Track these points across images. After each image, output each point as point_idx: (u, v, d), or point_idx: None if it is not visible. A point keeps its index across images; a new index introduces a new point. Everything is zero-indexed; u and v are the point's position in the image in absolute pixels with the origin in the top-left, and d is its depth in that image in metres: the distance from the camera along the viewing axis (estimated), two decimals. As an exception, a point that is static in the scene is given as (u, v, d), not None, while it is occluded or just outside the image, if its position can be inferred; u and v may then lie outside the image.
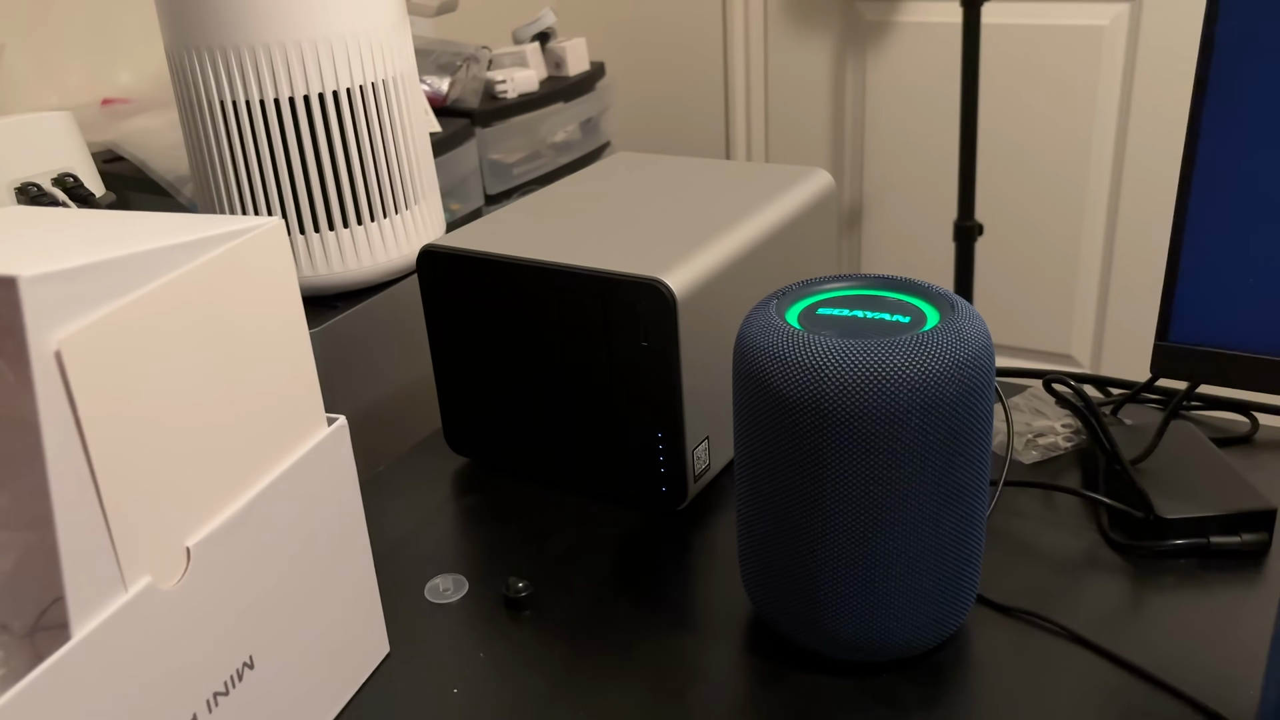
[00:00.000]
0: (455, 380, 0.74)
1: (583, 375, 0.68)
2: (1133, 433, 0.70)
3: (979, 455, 0.52)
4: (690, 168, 0.84)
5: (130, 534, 0.41)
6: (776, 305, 0.54)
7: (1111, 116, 1.91)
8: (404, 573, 0.66)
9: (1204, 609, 0.58)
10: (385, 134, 0.85)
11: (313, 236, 0.86)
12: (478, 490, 0.74)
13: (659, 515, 0.70)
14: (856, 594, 0.52)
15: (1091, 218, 1.99)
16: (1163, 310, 0.59)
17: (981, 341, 0.50)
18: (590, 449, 0.70)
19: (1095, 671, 0.55)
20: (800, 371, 0.50)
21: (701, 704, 0.54)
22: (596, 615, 0.61)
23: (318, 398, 0.52)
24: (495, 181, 1.50)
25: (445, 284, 0.71)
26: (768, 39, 2.21)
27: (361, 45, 0.82)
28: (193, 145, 0.86)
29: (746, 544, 0.57)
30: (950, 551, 0.53)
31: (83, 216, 0.47)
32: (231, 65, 0.80)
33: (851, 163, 2.20)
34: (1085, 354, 2.08)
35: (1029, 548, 0.64)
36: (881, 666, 0.56)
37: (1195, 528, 0.61)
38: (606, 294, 0.65)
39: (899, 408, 0.48)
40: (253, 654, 0.48)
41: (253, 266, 0.47)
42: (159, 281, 0.42)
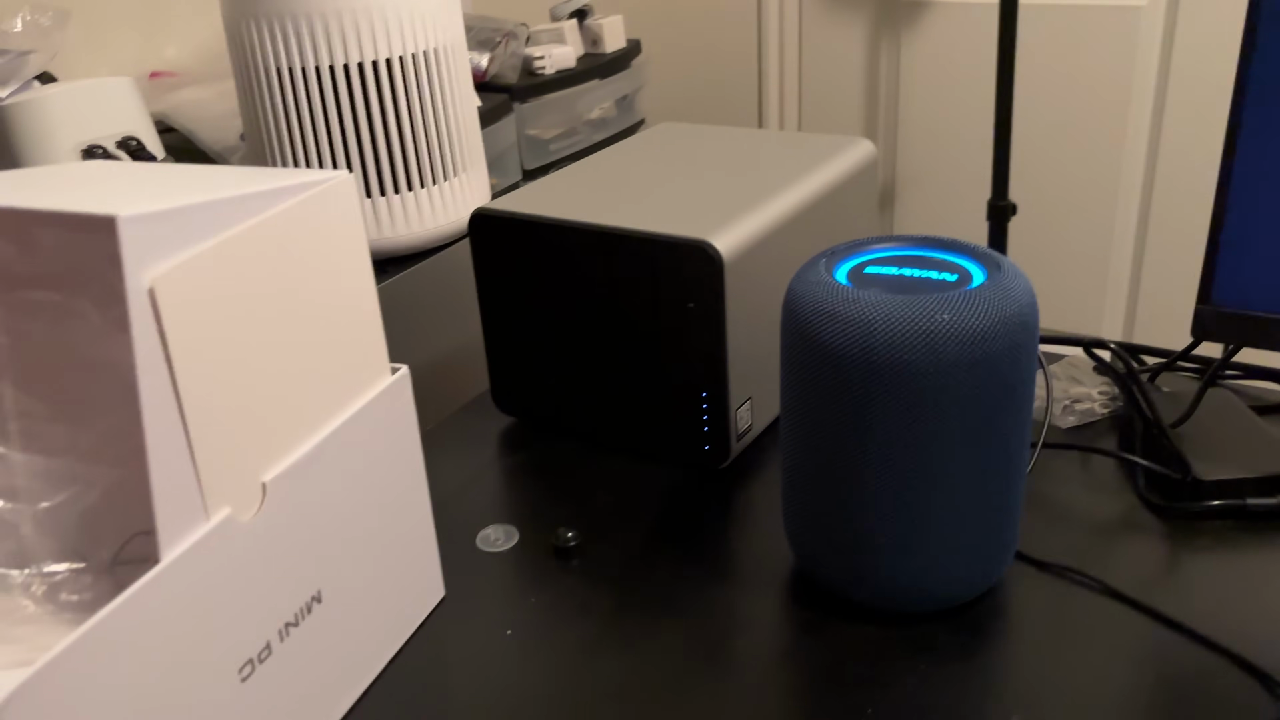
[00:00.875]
0: (504, 341, 0.76)
1: (629, 336, 0.70)
2: (1171, 399, 0.71)
3: (1023, 411, 0.53)
4: (734, 137, 0.85)
5: (213, 467, 0.43)
6: (826, 263, 0.56)
7: (1148, 98, 1.90)
8: (456, 524, 0.68)
9: (1240, 569, 0.60)
10: (435, 102, 0.87)
11: (364, 202, 0.88)
12: (525, 448, 0.76)
13: (702, 474, 0.72)
14: (899, 544, 0.54)
15: (1125, 200, 1.98)
16: (1205, 273, 0.60)
17: (1027, 299, 0.52)
18: (635, 408, 0.72)
19: (1130, 625, 0.56)
20: (850, 326, 0.51)
21: (744, 652, 0.56)
22: (641, 566, 0.63)
23: (383, 347, 0.54)
24: (532, 157, 1.52)
25: (496, 247, 0.73)
26: (802, 18, 2.21)
27: (415, 14, 0.84)
28: (249, 113, 0.88)
29: (792, 497, 0.58)
30: (992, 505, 0.54)
31: (161, 169, 0.49)
32: (289, 33, 0.82)
33: (885, 142, 2.20)
34: (1116, 334, 2.08)
35: (1066, 509, 0.65)
36: (921, 617, 0.57)
37: (1232, 489, 0.62)
38: (654, 256, 0.67)
39: (947, 362, 0.50)
40: (321, 588, 0.50)
41: (325, 217, 0.49)
42: (243, 225, 0.44)
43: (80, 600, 0.47)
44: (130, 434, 0.46)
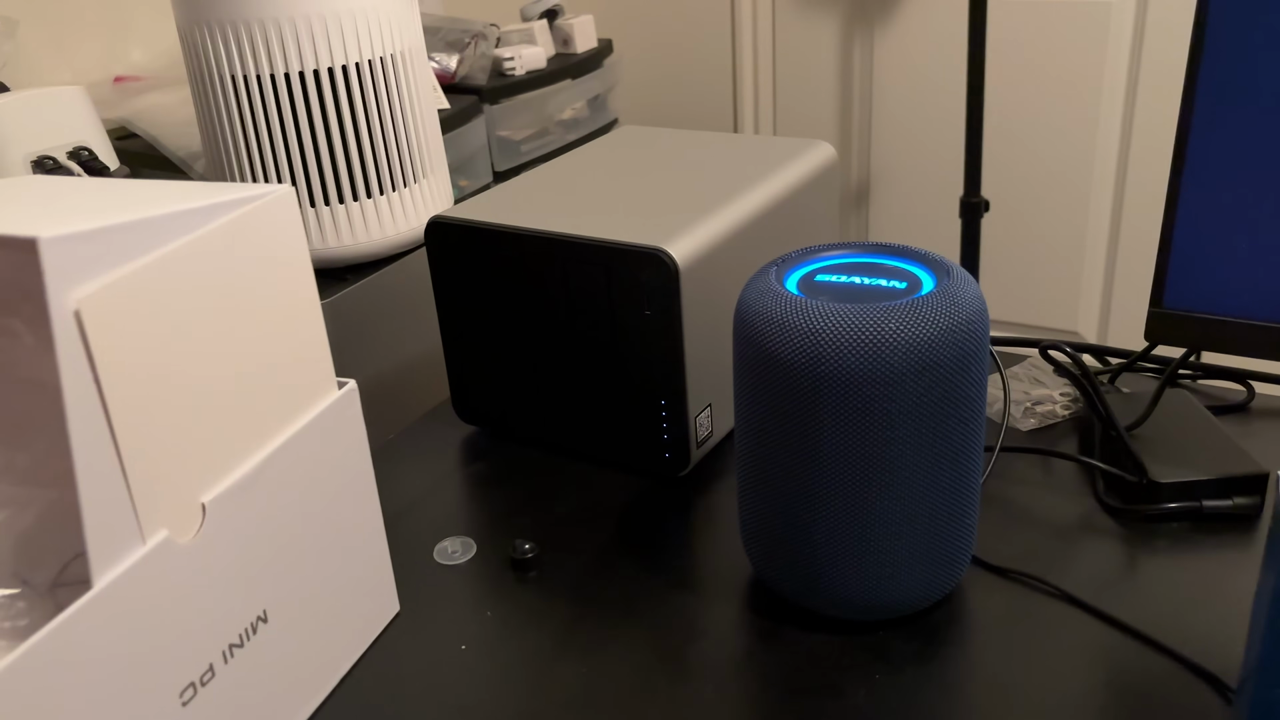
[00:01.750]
0: (463, 350, 0.76)
1: (587, 344, 0.69)
2: (1129, 400, 0.71)
3: (973, 418, 0.53)
4: (694, 140, 0.85)
5: (148, 489, 0.42)
6: (776, 272, 0.55)
7: (1119, 91, 1.91)
8: (413, 536, 0.68)
9: (1196, 571, 0.60)
10: (394, 108, 0.86)
11: (323, 209, 0.87)
12: (485, 457, 0.76)
13: (662, 481, 0.72)
14: (853, 553, 0.54)
15: (1098, 194, 1.99)
16: (1157, 277, 0.59)
17: (975, 306, 0.51)
18: (595, 416, 0.72)
19: (1087, 631, 0.56)
20: (798, 336, 0.51)
21: (701, 660, 0.56)
22: (600, 576, 0.63)
23: (328, 361, 0.53)
24: (503, 158, 1.51)
25: (453, 254, 0.72)
26: (775, 14, 2.21)
27: (370, 20, 0.83)
28: (205, 120, 0.87)
29: (746, 506, 0.58)
30: (945, 513, 0.54)
31: (98, 184, 0.48)
32: (243, 40, 0.81)
33: (860, 138, 2.20)
34: (1091, 330, 2.08)
35: (1025, 512, 0.65)
36: (878, 624, 0.57)
37: (1188, 491, 0.62)
38: (610, 263, 0.66)
39: (894, 371, 0.49)
40: (266, 608, 0.50)
41: (264, 232, 0.48)
42: (174, 244, 0.43)
43: (15, 627, 0.46)
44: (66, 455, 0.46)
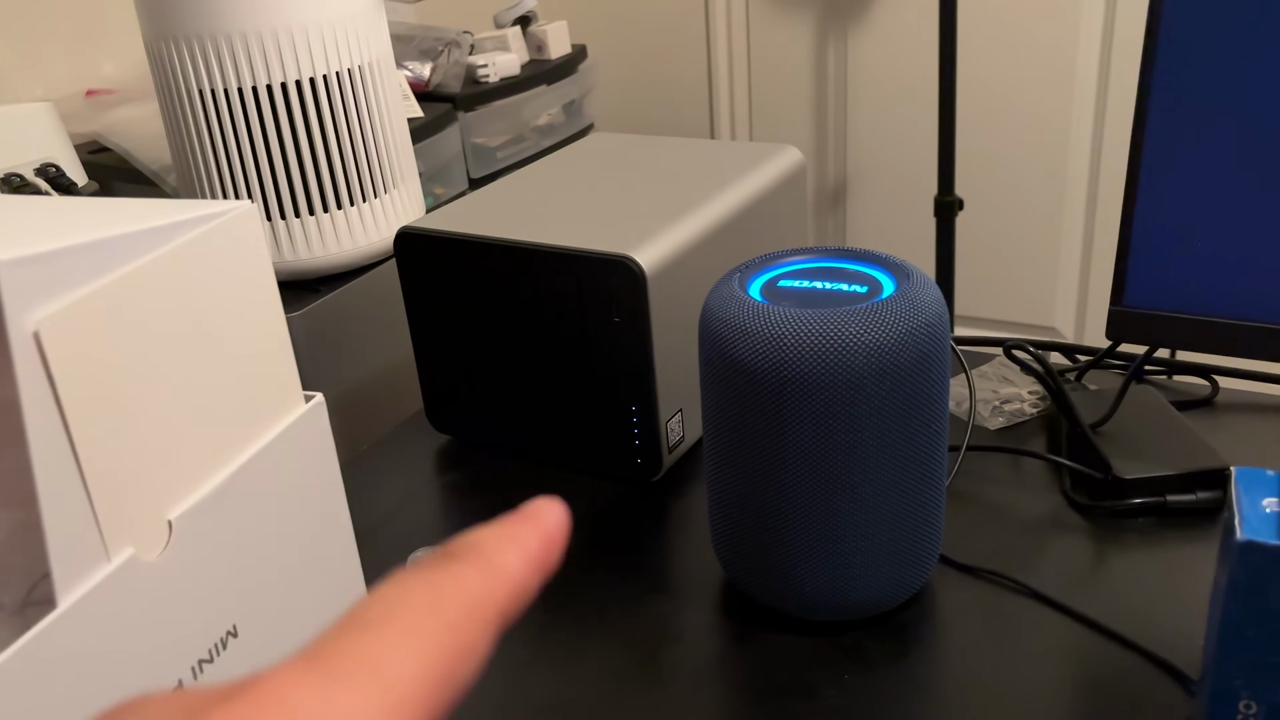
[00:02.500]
0: (435, 359, 0.76)
1: (557, 351, 0.70)
2: (1096, 397, 0.71)
3: (936, 419, 0.54)
4: (664, 147, 0.85)
5: (113, 508, 0.43)
6: (739, 278, 0.56)
7: (1090, 89, 1.92)
8: (387, 547, 0.68)
9: (1161, 565, 0.60)
10: (362, 119, 0.87)
11: (293, 221, 0.87)
12: (459, 467, 0.76)
13: (635, 487, 0.72)
14: (820, 556, 0.54)
15: (1073, 190, 2.00)
16: (1117, 275, 0.60)
17: (935, 309, 0.52)
18: (567, 424, 0.72)
19: (1054, 627, 0.57)
20: (761, 342, 0.51)
21: (674, 665, 0.56)
22: (574, 583, 0.63)
23: (294, 376, 0.53)
24: (479, 165, 1.52)
25: (422, 265, 0.73)
26: (749, 17, 2.22)
27: (337, 31, 0.83)
28: (173, 134, 0.87)
29: (716, 511, 0.59)
30: (910, 513, 0.54)
31: (58, 203, 0.48)
32: (209, 53, 0.81)
33: (835, 139, 2.21)
34: (1069, 326, 2.10)
35: (994, 510, 0.66)
36: (848, 625, 0.58)
37: (1152, 487, 0.63)
38: (578, 271, 0.66)
39: (856, 374, 0.50)
40: (236, 623, 0.50)
41: (226, 249, 0.48)
42: (134, 264, 0.43)
43: (-18, 647, 0.46)
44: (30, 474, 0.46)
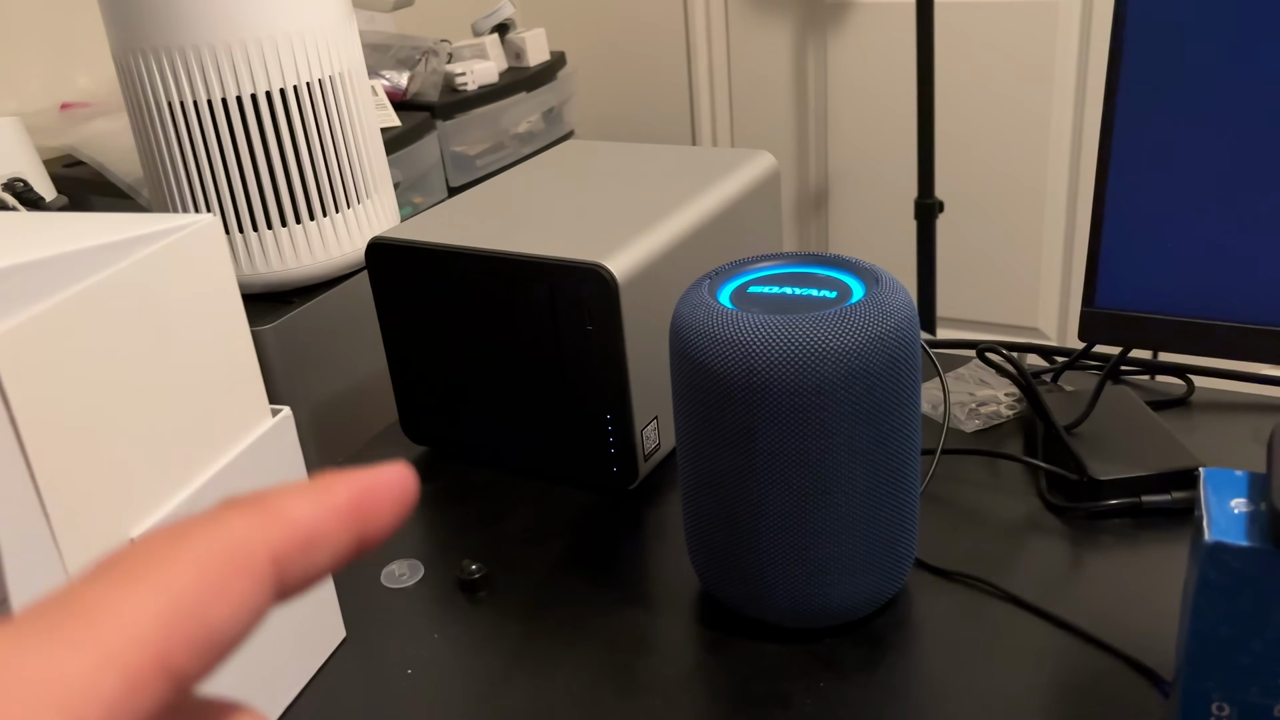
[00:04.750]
0: (409, 370, 0.75)
1: (531, 360, 0.69)
2: (1072, 398, 0.71)
3: (908, 424, 0.53)
4: (638, 153, 0.85)
5: (71, 527, 0.42)
6: (709, 285, 0.56)
7: (1069, 90, 1.93)
8: (361, 560, 0.67)
9: (1137, 566, 0.60)
10: (334, 130, 0.86)
11: (265, 233, 0.87)
12: (435, 477, 0.76)
13: (612, 495, 0.72)
14: (794, 563, 0.54)
15: (1053, 191, 2.01)
16: (1088, 277, 0.60)
17: (905, 313, 0.52)
18: (542, 433, 0.72)
19: (1030, 630, 0.56)
20: (730, 348, 0.51)
21: (650, 674, 0.56)
22: (550, 594, 0.63)
23: (260, 390, 0.53)
24: (458, 174, 1.51)
25: (394, 275, 0.72)
26: (729, 23, 2.22)
27: (306, 42, 0.83)
28: (144, 147, 0.86)
29: (690, 519, 0.58)
30: (884, 518, 0.54)
31: (18, 219, 0.48)
32: (177, 66, 0.80)
33: (816, 144, 2.22)
34: (1051, 326, 2.10)
35: (971, 513, 0.66)
36: (823, 632, 0.57)
37: (1128, 488, 0.63)
38: (550, 280, 0.66)
39: (826, 380, 0.50)
40: (203, 641, 0.49)
41: (188, 263, 0.48)
42: (92, 279, 0.43)
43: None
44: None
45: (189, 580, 0.17)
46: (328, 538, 0.19)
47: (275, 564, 0.18)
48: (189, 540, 0.18)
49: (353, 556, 0.20)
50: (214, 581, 0.17)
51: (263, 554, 0.18)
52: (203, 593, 0.17)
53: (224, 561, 0.18)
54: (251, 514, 0.18)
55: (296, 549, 0.19)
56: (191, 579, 0.17)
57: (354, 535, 0.20)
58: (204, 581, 0.17)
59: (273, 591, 0.18)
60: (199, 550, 0.17)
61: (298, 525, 0.19)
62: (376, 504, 0.20)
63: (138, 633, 0.16)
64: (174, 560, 0.17)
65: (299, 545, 0.19)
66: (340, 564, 0.20)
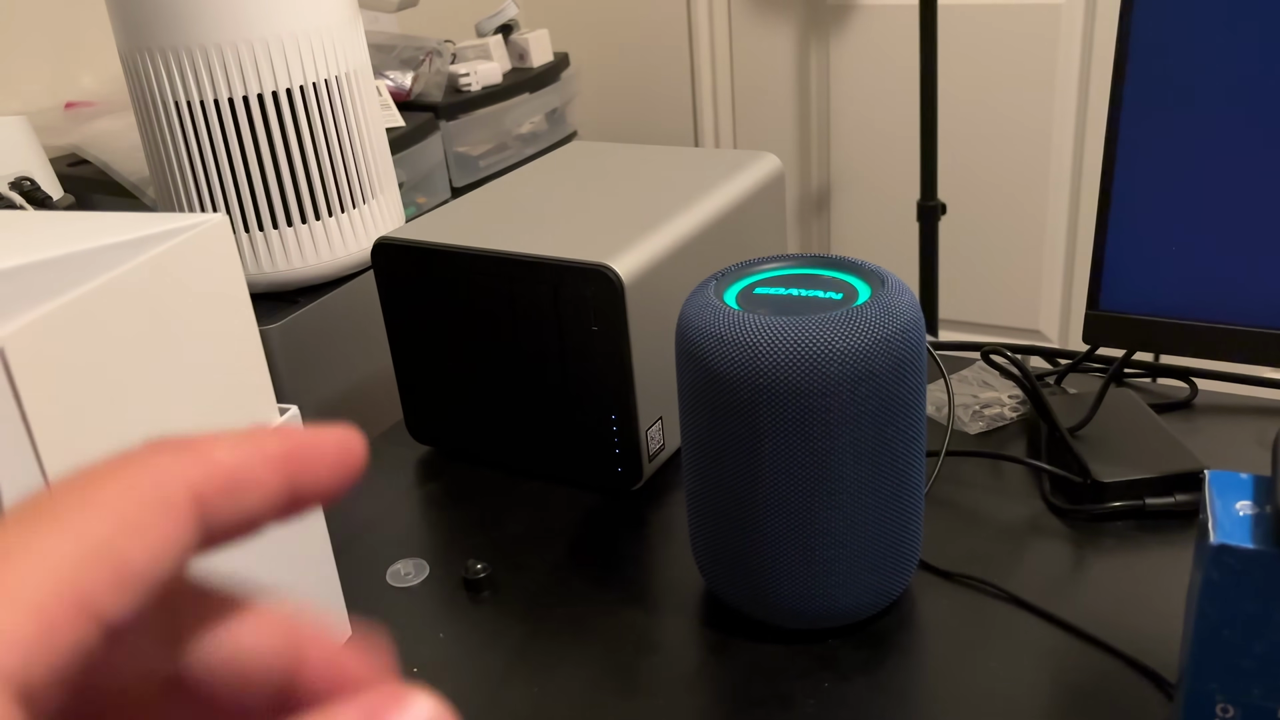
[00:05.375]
0: (414, 370, 0.76)
1: (536, 361, 0.70)
2: (1075, 401, 0.72)
3: (913, 426, 0.54)
4: (642, 155, 0.85)
5: (82, 524, 0.42)
6: (715, 286, 0.56)
7: (1071, 92, 1.93)
8: (366, 559, 0.67)
9: (1140, 569, 0.60)
10: (340, 130, 0.86)
11: (271, 233, 0.87)
12: (439, 477, 0.76)
13: (616, 495, 0.72)
14: (798, 564, 0.54)
15: (1055, 193, 2.01)
16: (1093, 280, 0.60)
17: (910, 315, 0.52)
18: (547, 433, 0.72)
19: (1033, 632, 0.57)
20: (736, 350, 0.51)
21: (653, 675, 0.56)
22: (553, 594, 0.63)
23: (268, 388, 0.53)
24: (461, 174, 1.51)
25: (400, 275, 0.72)
26: (732, 24, 2.22)
27: (313, 43, 0.83)
28: (150, 146, 0.87)
29: (694, 519, 0.58)
30: (888, 520, 0.54)
31: (28, 218, 0.48)
32: (184, 66, 0.80)
33: (819, 146, 2.22)
34: (1054, 329, 2.11)
35: (974, 515, 0.66)
36: (826, 633, 0.58)
37: (1131, 490, 0.63)
38: (556, 281, 0.66)
39: (831, 381, 0.50)
40: (211, 639, 0.49)
41: (197, 262, 0.48)
42: (102, 278, 0.43)
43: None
44: None
45: (104, 520, 0.17)
46: (255, 482, 0.19)
47: (197, 503, 0.18)
48: (105, 480, 0.17)
49: (290, 510, 0.19)
50: (130, 520, 0.17)
51: (182, 492, 0.18)
52: (118, 532, 0.17)
53: (140, 499, 0.17)
54: (172, 453, 0.18)
55: (219, 489, 0.18)
56: (106, 518, 0.17)
57: (285, 485, 0.19)
58: (119, 520, 0.17)
59: (196, 531, 0.18)
60: (115, 489, 0.17)
61: (220, 465, 0.18)
62: (313, 459, 0.19)
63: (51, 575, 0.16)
64: (89, 500, 0.17)
65: (222, 485, 0.18)
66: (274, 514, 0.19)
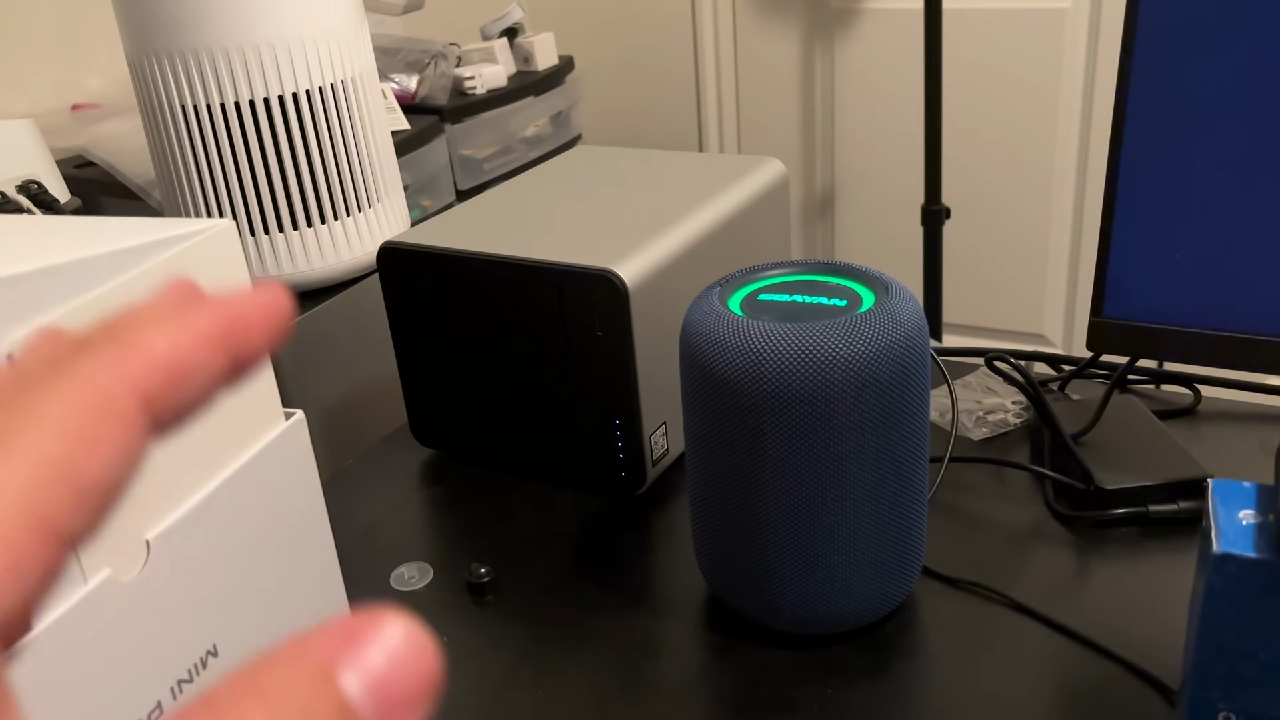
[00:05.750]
0: (419, 373, 0.76)
1: (541, 365, 0.70)
2: (1079, 407, 0.72)
3: (917, 432, 0.54)
4: (647, 160, 0.85)
5: (88, 528, 0.42)
6: (719, 292, 0.56)
7: (1076, 97, 1.93)
8: (370, 563, 0.68)
9: (1143, 576, 0.60)
10: (346, 134, 0.87)
11: (276, 236, 0.87)
12: (443, 481, 0.76)
13: (620, 500, 0.72)
14: (801, 569, 0.54)
15: (1059, 198, 2.01)
16: (1096, 287, 0.60)
17: (915, 322, 0.52)
18: (551, 437, 0.72)
19: (1036, 639, 0.57)
20: (740, 356, 0.51)
21: (656, 679, 0.56)
22: (556, 598, 0.63)
23: (274, 392, 0.53)
24: (466, 177, 1.52)
25: (405, 279, 0.73)
26: (736, 28, 2.22)
27: (320, 47, 0.83)
28: (156, 149, 0.87)
29: (698, 524, 0.59)
30: (892, 526, 0.55)
31: (36, 223, 0.48)
32: (191, 69, 0.81)
33: (823, 150, 2.22)
34: (1058, 334, 2.11)
35: (977, 521, 0.66)
36: (830, 638, 0.58)
37: (1134, 497, 0.63)
38: (560, 286, 0.67)
39: (835, 388, 0.50)
40: (216, 642, 0.50)
41: (204, 268, 0.48)
42: (110, 283, 0.43)
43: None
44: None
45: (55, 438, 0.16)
46: (198, 368, 0.18)
47: (144, 403, 0.17)
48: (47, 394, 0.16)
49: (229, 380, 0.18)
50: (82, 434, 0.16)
51: (128, 395, 0.17)
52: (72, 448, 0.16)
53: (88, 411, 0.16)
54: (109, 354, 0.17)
55: (164, 384, 0.17)
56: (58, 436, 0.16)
57: (227, 361, 0.18)
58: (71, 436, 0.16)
59: (147, 430, 0.17)
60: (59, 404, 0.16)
61: (162, 358, 0.17)
62: (247, 325, 0.18)
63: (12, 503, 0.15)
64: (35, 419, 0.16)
65: (166, 380, 0.17)
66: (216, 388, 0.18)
